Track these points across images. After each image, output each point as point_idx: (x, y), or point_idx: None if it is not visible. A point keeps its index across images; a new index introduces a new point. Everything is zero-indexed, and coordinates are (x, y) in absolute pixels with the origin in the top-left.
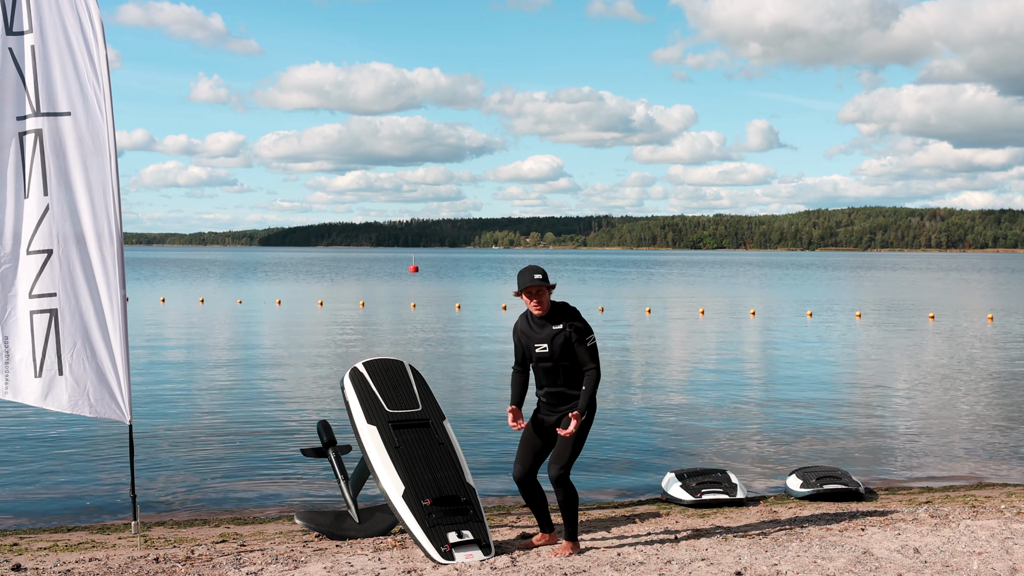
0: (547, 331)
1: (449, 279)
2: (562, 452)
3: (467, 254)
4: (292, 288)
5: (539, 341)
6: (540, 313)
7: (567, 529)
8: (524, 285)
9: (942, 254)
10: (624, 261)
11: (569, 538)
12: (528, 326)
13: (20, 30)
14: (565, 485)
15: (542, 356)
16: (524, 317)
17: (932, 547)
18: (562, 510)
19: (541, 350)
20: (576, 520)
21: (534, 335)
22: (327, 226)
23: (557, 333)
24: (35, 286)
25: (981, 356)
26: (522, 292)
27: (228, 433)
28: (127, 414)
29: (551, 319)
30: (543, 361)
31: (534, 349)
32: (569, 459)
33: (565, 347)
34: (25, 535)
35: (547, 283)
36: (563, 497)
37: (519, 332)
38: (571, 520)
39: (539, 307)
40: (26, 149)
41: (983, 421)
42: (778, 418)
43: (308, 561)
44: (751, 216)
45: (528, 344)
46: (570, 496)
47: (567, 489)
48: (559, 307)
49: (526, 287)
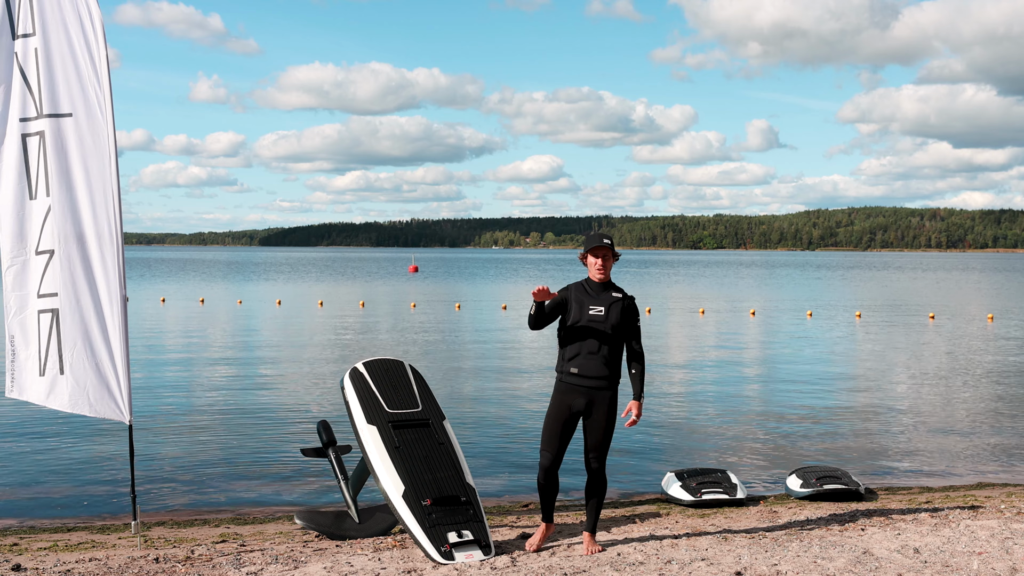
0: (606, 296)
1: (449, 279)
2: (600, 443)
3: (467, 254)
4: (292, 288)
5: (596, 304)
6: (602, 276)
7: (592, 521)
8: (592, 244)
9: (942, 254)
10: (624, 261)
11: (591, 530)
12: (584, 291)
13: (24, 33)
14: (604, 477)
15: (595, 318)
16: (580, 284)
17: (932, 547)
18: (594, 502)
19: (596, 312)
20: (600, 513)
21: (590, 299)
22: (327, 226)
23: (616, 300)
24: (40, 286)
25: (981, 356)
26: (588, 253)
27: (228, 433)
28: (127, 414)
29: (608, 288)
30: (595, 323)
31: (588, 310)
32: (606, 448)
33: (622, 316)
34: (25, 535)
35: (613, 248)
36: (599, 486)
37: (573, 292)
38: (597, 512)
39: (602, 270)
40: (30, 150)
41: (983, 421)
42: (778, 418)
43: (308, 561)
44: (751, 216)
45: (582, 306)
46: (604, 488)
47: (604, 480)
48: (618, 287)
49: (593, 247)
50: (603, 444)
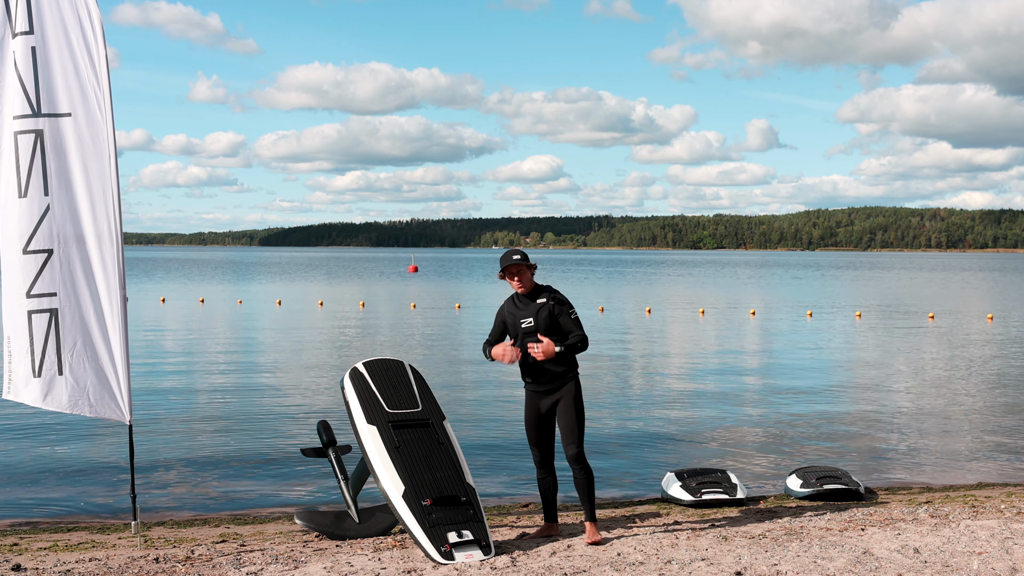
0: (532, 307)
1: (449, 279)
2: (570, 428)
3: (467, 254)
4: (292, 288)
5: (525, 317)
6: (522, 291)
7: (589, 510)
8: (505, 264)
9: (942, 254)
10: (624, 261)
11: (592, 519)
12: (514, 306)
13: (21, 30)
14: (583, 463)
15: (528, 330)
16: (510, 299)
17: (932, 547)
18: (582, 490)
19: (527, 324)
20: (594, 500)
21: (519, 312)
22: (327, 226)
23: (541, 307)
24: (34, 286)
25: (981, 356)
26: (504, 272)
27: (228, 433)
28: (127, 414)
29: (534, 296)
30: (529, 336)
31: (520, 325)
32: (578, 433)
33: (550, 319)
34: (25, 535)
35: (527, 262)
36: (583, 476)
37: (504, 312)
38: (591, 500)
39: (520, 285)
40: (21, 148)
41: (983, 421)
42: (778, 418)
43: (308, 561)
44: (751, 216)
45: (514, 322)
46: (589, 475)
47: (585, 468)
48: (541, 287)
49: (507, 266)
50: (575, 429)
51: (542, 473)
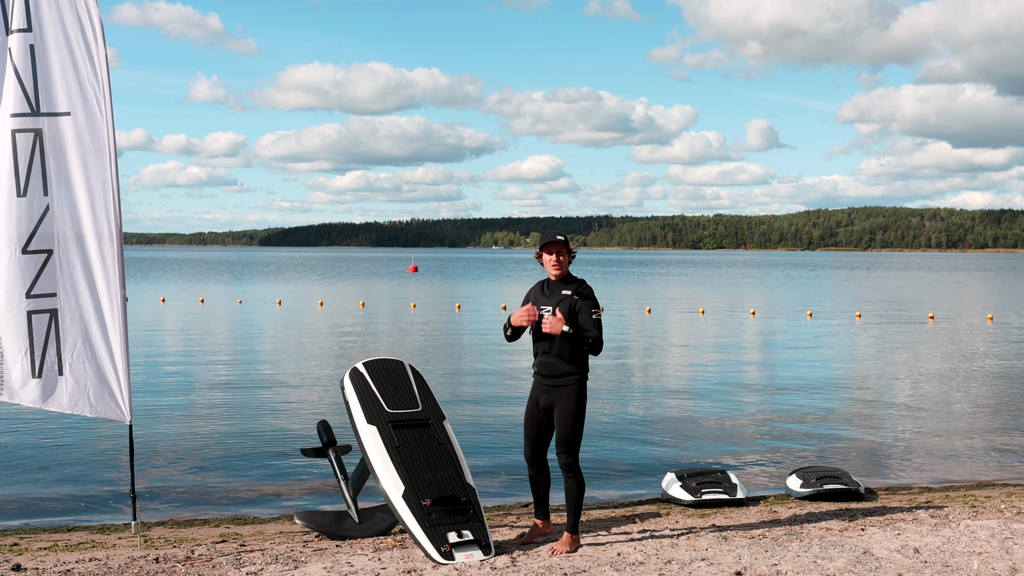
0: (556, 296)
1: (449, 279)
2: (565, 436)
3: (467, 254)
4: (292, 288)
5: (547, 304)
6: (557, 273)
7: (570, 520)
8: (545, 241)
9: (942, 254)
10: (624, 261)
11: (572, 530)
12: (540, 292)
13: (18, 27)
14: (575, 472)
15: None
16: (538, 285)
17: (932, 547)
18: (569, 499)
19: (546, 312)
20: (580, 513)
21: (544, 299)
22: (327, 226)
23: (565, 297)
24: (34, 286)
25: (981, 356)
26: (542, 250)
27: (228, 433)
28: (127, 414)
29: (562, 286)
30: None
31: (540, 312)
32: (573, 442)
33: (571, 313)
34: (25, 535)
35: (568, 245)
36: (573, 485)
37: (530, 296)
38: (576, 511)
39: (557, 266)
40: (19, 147)
41: (983, 421)
42: (778, 418)
43: (308, 561)
44: (751, 216)
45: (537, 305)
46: (580, 486)
47: (578, 478)
48: (573, 278)
49: (547, 243)
50: (570, 438)
51: (533, 470)
